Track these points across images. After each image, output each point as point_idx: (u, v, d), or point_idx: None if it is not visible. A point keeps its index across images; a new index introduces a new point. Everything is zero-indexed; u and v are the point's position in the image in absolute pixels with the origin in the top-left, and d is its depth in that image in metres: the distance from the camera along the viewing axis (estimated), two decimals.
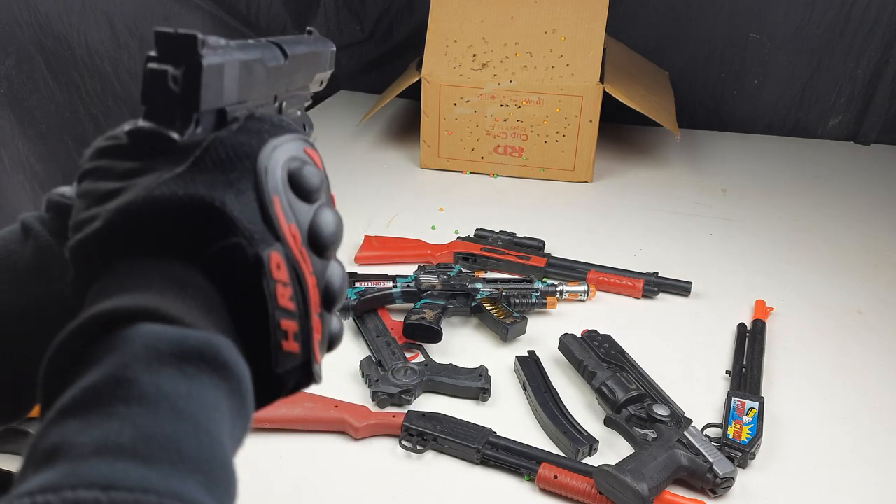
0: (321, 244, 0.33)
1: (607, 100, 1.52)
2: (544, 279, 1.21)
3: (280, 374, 0.32)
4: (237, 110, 0.35)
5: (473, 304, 1.12)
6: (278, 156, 0.32)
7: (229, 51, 0.34)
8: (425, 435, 0.88)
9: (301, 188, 0.33)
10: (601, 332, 1.05)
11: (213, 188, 0.30)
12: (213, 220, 0.30)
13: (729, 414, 0.91)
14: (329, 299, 0.34)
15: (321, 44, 0.49)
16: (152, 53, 0.31)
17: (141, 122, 0.32)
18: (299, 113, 0.47)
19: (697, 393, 0.98)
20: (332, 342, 0.36)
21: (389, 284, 1.13)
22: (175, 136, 0.31)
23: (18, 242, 0.38)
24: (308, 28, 0.49)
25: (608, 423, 0.92)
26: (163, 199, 0.29)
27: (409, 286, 1.13)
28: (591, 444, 0.88)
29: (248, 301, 0.30)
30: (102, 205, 0.31)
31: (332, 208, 0.35)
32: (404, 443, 0.89)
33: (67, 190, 0.39)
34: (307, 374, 0.33)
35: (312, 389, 0.35)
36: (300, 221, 0.33)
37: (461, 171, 1.65)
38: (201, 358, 0.26)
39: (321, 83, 0.51)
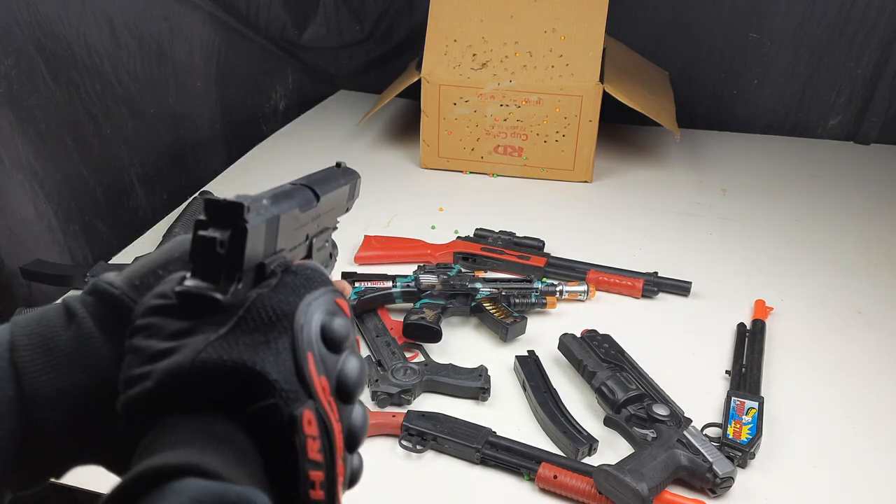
0: (347, 392, 0.36)
1: (607, 100, 1.52)
2: (544, 279, 1.21)
3: None
4: (275, 260, 0.38)
5: (473, 303, 1.12)
6: (312, 311, 0.35)
7: (269, 208, 0.37)
8: (425, 435, 0.88)
9: (331, 341, 0.36)
10: (601, 331, 1.05)
11: (255, 351, 0.33)
12: (253, 383, 0.33)
13: (728, 414, 0.91)
14: (351, 442, 0.37)
15: (349, 176, 0.56)
16: (202, 218, 0.35)
17: (188, 282, 0.35)
18: (327, 243, 0.50)
19: (697, 393, 0.99)
20: (352, 480, 0.39)
21: (389, 284, 1.13)
22: (219, 297, 0.34)
23: (61, 326, 0.39)
24: (337, 161, 0.56)
25: (608, 422, 0.92)
26: (209, 363, 0.33)
27: (408, 286, 1.13)
28: (591, 444, 0.88)
29: (282, 454, 0.33)
30: (154, 363, 0.34)
31: (357, 355, 0.37)
32: (404, 442, 0.89)
33: (114, 278, 0.40)
34: None
35: None
36: (329, 372, 0.35)
37: (461, 171, 1.65)
38: None
39: (348, 209, 0.56)
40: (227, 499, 0.28)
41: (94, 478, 0.40)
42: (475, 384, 0.97)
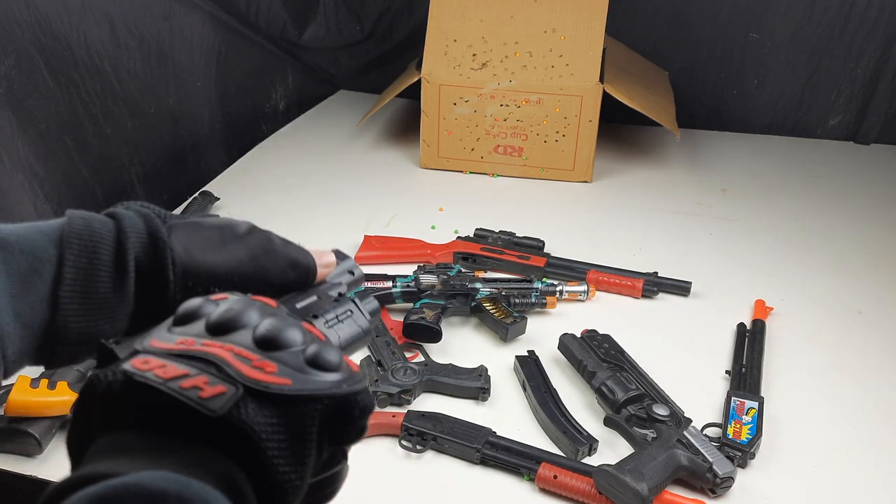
0: (218, 327, 0.35)
1: (607, 100, 1.52)
2: (544, 279, 1.21)
3: (259, 418, 0.32)
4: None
5: (473, 303, 1.12)
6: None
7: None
8: (425, 435, 0.88)
9: (186, 319, 0.36)
10: (601, 331, 1.05)
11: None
12: (94, 384, 0.33)
13: (728, 414, 0.91)
14: (271, 344, 0.35)
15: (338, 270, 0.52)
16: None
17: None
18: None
19: (697, 393, 0.99)
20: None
21: (389, 284, 1.13)
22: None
23: (107, 271, 0.41)
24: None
25: (608, 422, 0.92)
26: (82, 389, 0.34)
27: (408, 286, 1.13)
28: (591, 444, 0.88)
29: (163, 406, 0.32)
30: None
31: (227, 303, 0.37)
32: (404, 442, 0.89)
33: (183, 251, 0.43)
34: (270, 395, 0.33)
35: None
36: (195, 332, 0.35)
37: (461, 171, 1.65)
38: (125, 500, 0.27)
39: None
40: (106, 495, 0.28)
41: None
42: (475, 384, 0.97)
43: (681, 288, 1.21)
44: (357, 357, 1.01)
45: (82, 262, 0.40)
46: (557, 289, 1.16)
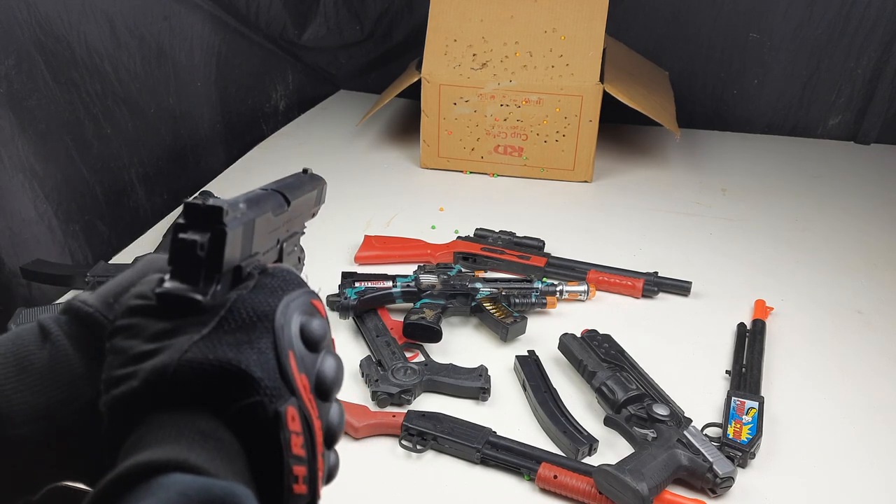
0: (325, 390, 0.36)
1: (607, 100, 1.52)
2: (544, 279, 1.21)
3: None
4: (251, 263, 0.39)
5: (473, 303, 1.12)
6: (291, 312, 0.36)
7: (245, 212, 0.38)
8: (425, 434, 0.88)
9: (310, 341, 0.36)
10: (601, 331, 1.05)
11: (239, 350, 0.34)
12: (239, 381, 0.33)
13: (729, 414, 0.91)
14: (329, 438, 0.37)
15: (315, 182, 0.56)
16: (181, 221, 0.35)
17: (168, 284, 0.35)
18: (296, 248, 0.51)
19: (697, 393, 0.99)
20: (329, 476, 0.38)
21: (389, 284, 1.13)
22: (199, 298, 0.35)
23: (36, 345, 0.39)
24: (304, 168, 0.57)
25: (608, 422, 0.92)
26: (195, 362, 0.33)
27: (408, 286, 1.13)
28: (591, 444, 0.88)
29: (267, 451, 0.33)
30: (138, 364, 0.34)
31: (334, 354, 0.38)
32: (404, 442, 0.89)
33: (87, 297, 0.41)
34: None
35: None
36: (308, 370, 0.36)
37: (461, 171, 1.65)
38: None
39: (314, 215, 0.57)
40: (212, 493, 0.29)
41: None
42: (475, 384, 0.97)
43: (681, 288, 1.21)
44: (357, 357, 1.01)
45: (7, 347, 0.39)
46: (557, 289, 1.16)
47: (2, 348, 0.39)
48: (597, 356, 0.99)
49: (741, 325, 1.12)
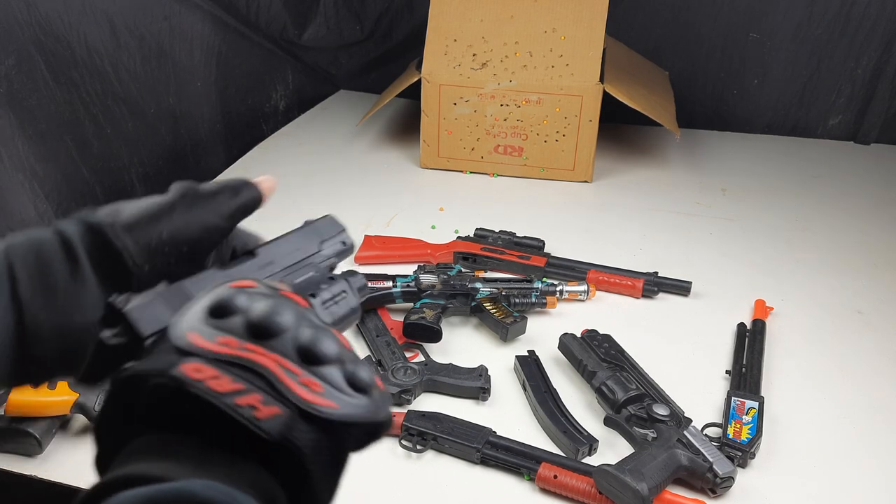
0: (261, 329, 0.35)
1: (607, 99, 1.52)
2: (544, 279, 1.21)
3: (308, 441, 0.33)
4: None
5: (473, 303, 1.12)
6: (185, 310, 0.36)
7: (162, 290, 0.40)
8: (425, 434, 0.88)
9: (217, 310, 0.36)
10: (601, 331, 1.05)
11: (142, 363, 0.34)
12: (136, 379, 0.33)
13: (729, 413, 0.91)
14: (309, 356, 0.35)
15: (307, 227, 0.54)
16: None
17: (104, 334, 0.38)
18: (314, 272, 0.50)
19: (697, 392, 0.99)
20: (353, 376, 0.36)
21: (389, 284, 1.13)
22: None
23: (60, 262, 0.40)
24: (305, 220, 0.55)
25: (608, 422, 0.92)
26: (118, 380, 0.34)
27: (408, 286, 1.13)
28: (591, 444, 0.88)
29: (210, 414, 0.32)
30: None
31: (264, 298, 0.36)
32: (404, 442, 0.89)
33: (120, 230, 0.41)
34: (319, 418, 0.33)
35: None
36: (232, 330, 0.35)
37: (461, 171, 1.65)
38: None
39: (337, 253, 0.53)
40: (157, 499, 0.28)
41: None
42: (475, 384, 0.97)
43: (681, 288, 1.21)
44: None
45: (30, 259, 0.39)
46: (557, 289, 1.16)
47: (26, 261, 0.39)
48: (597, 356, 0.99)
49: (741, 325, 1.12)
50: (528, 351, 1.03)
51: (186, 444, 0.32)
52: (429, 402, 0.97)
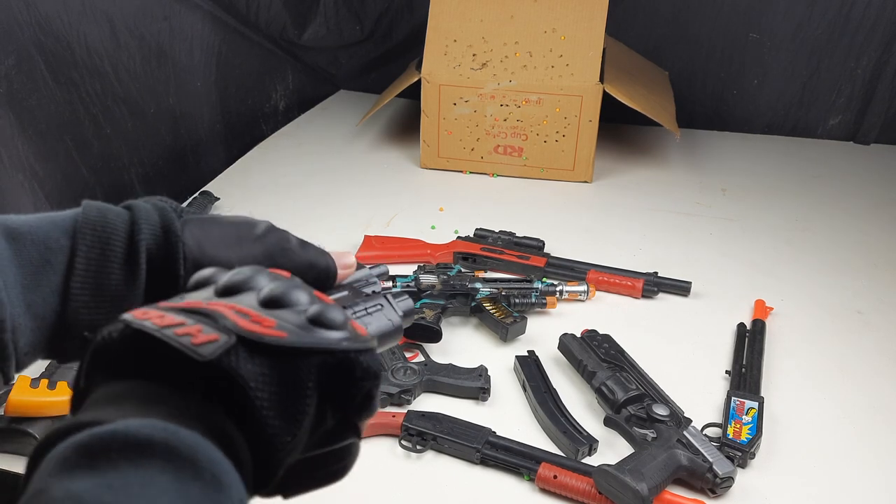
0: (227, 290, 0.35)
1: (607, 100, 1.52)
2: (544, 279, 1.21)
3: (251, 369, 0.32)
4: None
5: (473, 303, 1.12)
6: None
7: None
8: (425, 435, 0.88)
9: (196, 285, 0.37)
10: (601, 331, 1.05)
11: None
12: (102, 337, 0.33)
13: (728, 414, 0.91)
14: (269, 302, 0.35)
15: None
16: None
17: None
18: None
19: (697, 393, 0.99)
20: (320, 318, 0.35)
21: (389, 284, 1.13)
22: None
23: (119, 263, 0.41)
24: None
25: (608, 422, 0.92)
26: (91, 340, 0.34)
27: (408, 286, 1.13)
28: (591, 444, 0.88)
29: (160, 355, 0.31)
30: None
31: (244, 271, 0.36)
32: (404, 442, 0.89)
33: (194, 247, 0.43)
34: (266, 347, 0.32)
35: None
36: (204, 295, 0.36)
37: (461, 171, 1.65)
38: (110, 448, 0.27)
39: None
40: (91, 442, 0.27)
41: None
42: (475, 384, 0.97)
43: (681, 288, 1.21)
44: None
45: (94, 252, 0.40)
46: (557, 289, 1.16)
47: (90, 252, 0.40)
48: (597, 356, 0.99)
49: (741, 325, 1.12)
50: (528, 351, 1.03)
51: (135, 388, 0.32)
52: (429, 403, 0.97)
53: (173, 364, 0.31)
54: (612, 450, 0.89)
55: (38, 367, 0.90)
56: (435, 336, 1.04)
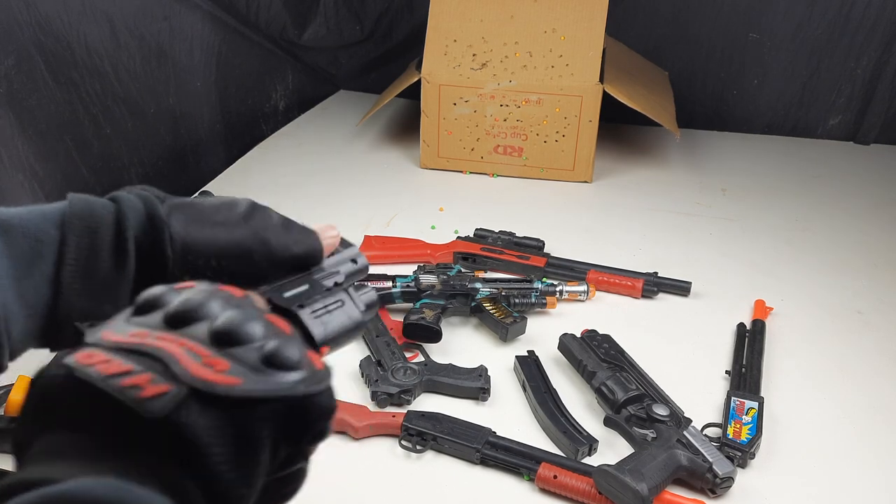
0: (174, 320, 0.33)
1: (607, 100, 1.52)
2: (544, 279, 1.21)
3: (202, 422, 0.30)
4: None
5: (473, 303, 1.12)
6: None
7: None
8: (425, 435, 0.88)
9: (145, 310, 0.34)
10: (601, 331, 1.05)
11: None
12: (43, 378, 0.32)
13: (728, 414, 0.91)
14: (227, 339, 0.32)
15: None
16: None
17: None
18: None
19: (697, 393, 0.99)
20: (280, 359, 0.33)
21: (389, 284, 1.13)
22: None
23: (108, 252, 0.41)
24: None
25: (608, 422, 0.92)
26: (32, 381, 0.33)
27: (408, 286, 1.13)
28: (591, 444, 0.88)
29: (107, 404, 0.30)
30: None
31: (189, 293, 0.34)
32: (404, 443, 0.89)
33: (180, 231, 0.42)
34: (217, 397, 0.30)
35: None
36: (149, 323, 0.33)
37: (461, 171, 1.65)
38: None
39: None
40: (47, 500, 0.26)
41: None
42: (475, 384, 0.97)
43: (681, 288, 1.21)
44: (357, 357, 1.01)
45: (84, 242, 0.40)
46: (557, 289, 1.16)
47: (79, 242, 0.40)
48: (596, 356, 0.99)
49: (741, 325, 1.12)
50: (528, 351, 1.03)
51: (83, 441, 0.30)
52: (428, 403, 0.97)
53: (124, 416, 0.29)
54: (612, 450, 0.89)
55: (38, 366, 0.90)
56: (435, 336, 1.05)
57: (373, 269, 1.22)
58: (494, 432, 0.88)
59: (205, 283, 0.36)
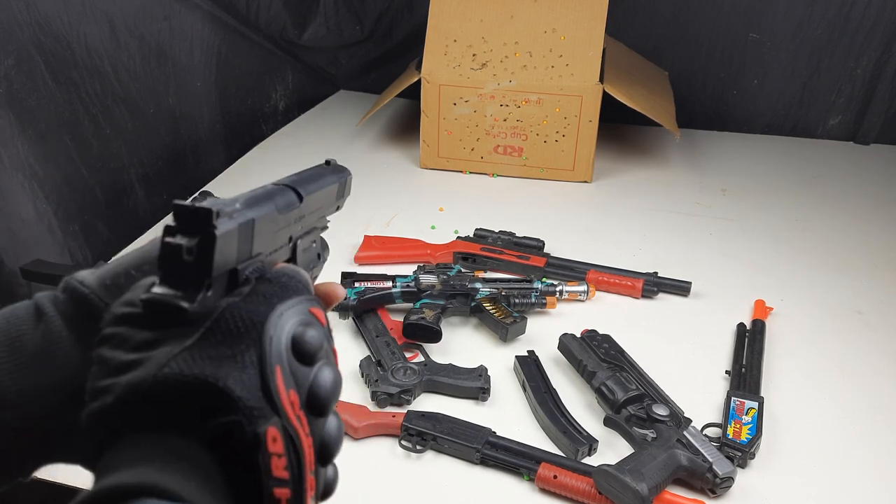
0: (318, 405, 0.34)
1: (607, 100, 1.52)
2: (544, 279, 1.21)
3: None
4: (250, 265, 0.36)
5: (473, 303, 1.12)
6: (283, 323, 0.34)
7: (242, 212, 0.36)
8: (425, 435, 0.88)
9: (303, 353, 0.34)
10: (601, 331, 1.05)
11: (219, 366, 0.31)
12: (216, 400, 0.31)
13: (728, 414, 0.91)
14: (324, 455, 0.34)
15: (338, 174, 0.52)
16: (171, 224, 0.33)
17: (155, 289, 0.33)
18: (314, 244, 0.48)
19: (697, 393, 0.99)
20: (325, 492, 0.36)
21: (389, 284, 1.13)
22: (185, 306, 0.32)
23: (29, 324, 0.38)
24: (327, 159, 0.53)
25: (608, 422, 0.92)
26: (171, 378, 0.31)
27: (408, 286, 1.13)
28: (591, 444, 0.88)
29: (245, 472, 0.31)
30: (117, 377, 0.32)
31: (332, 367, 0.35)
32: (404, 443, 0.89)
33: (86, 276, 0.40)
34: None
35: None
36: (300, 385, 0.33)
37: (461, 171, 1.65)
38: None
39: (338, 208, 0.53)
40: None
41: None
42: (475, 384, 0.97)
43: (681, 288, 1.21)
44: (357, 358, 1.01)
45: (1, 325, 0.38)
46: (557, 289, 1.16)
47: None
48: (596, 356, 0.99)
49: (741, 325, 1.12)
50: (528, 351, 1.03)
51: (186, 445, 0.31)
52: (428, 403, 0.97)
53: (229, 439, 0.31)
54: (612, 450, 0.89)
55: None
56: (435, 336, 1.05)
57: (372, 270, 1.22)
58: (494, 432, 0.88)
59: (330, 352, 0.37)
